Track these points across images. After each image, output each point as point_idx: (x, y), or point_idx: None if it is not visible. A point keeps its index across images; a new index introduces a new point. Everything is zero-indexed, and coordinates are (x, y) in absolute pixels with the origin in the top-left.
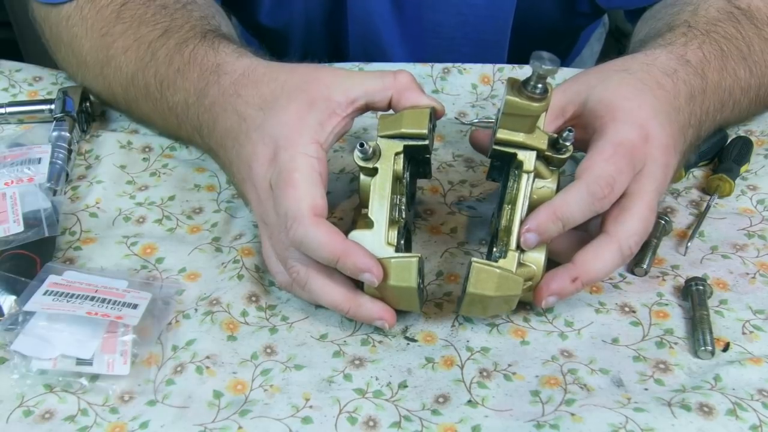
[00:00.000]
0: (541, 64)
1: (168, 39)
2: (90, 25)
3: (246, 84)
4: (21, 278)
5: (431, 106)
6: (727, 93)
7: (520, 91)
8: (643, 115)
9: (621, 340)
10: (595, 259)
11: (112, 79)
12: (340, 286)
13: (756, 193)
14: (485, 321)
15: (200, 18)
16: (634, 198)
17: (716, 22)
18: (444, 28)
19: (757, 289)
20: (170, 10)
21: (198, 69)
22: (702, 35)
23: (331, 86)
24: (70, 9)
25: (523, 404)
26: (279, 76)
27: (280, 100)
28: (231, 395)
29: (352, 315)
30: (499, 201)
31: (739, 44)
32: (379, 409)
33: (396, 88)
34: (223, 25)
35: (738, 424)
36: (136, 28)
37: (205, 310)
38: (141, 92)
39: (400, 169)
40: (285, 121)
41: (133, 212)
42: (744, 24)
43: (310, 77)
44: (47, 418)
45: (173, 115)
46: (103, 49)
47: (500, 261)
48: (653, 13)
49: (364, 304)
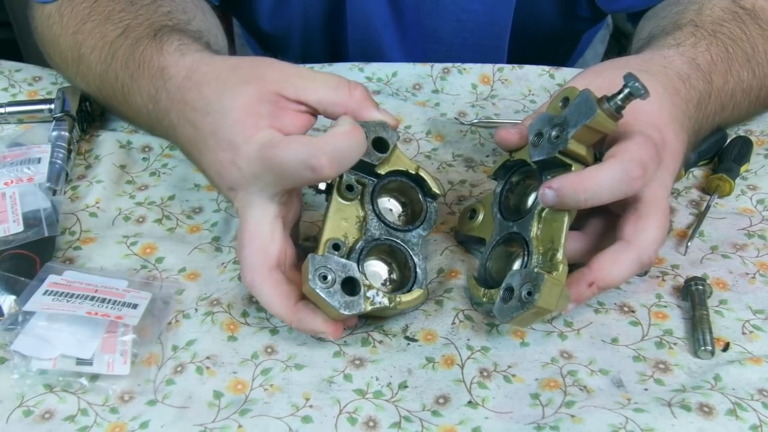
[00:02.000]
0: (640, 88)
1: (126, 38)
2: (65, 23)
3: (190, 87)
4: (21, 278)
5: (382, 121)
6: (729, 96)
7: (602, 106)
8: (661, 120)
9: (620, 340)
10: (613, 265)
11: (87, 77)
12: (284, 299)
13: (756, 193)
14: (485, 321)
15: (165, 13)
16: (651, 206)
17: (722, 22)
18: (442, 34)
19: (756, 289)
20: (137, 6)
21: (147, 73)
22: (709, 36)
23: (279, 82)
24: (52, 8)
25: (523, 407)
26: (221, 74)
27: (224, 99)
28: (231, 395)
29: (295, 328)
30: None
31: (744, 45)
32: (379, 410)
33: (350, 106)
34: (198, 18)
35: (738, 424)
36: (102, 26)
37: (206, 310)
38: (110, 92)
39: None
40: (236, 119)
41: (133, 212)
42: (749, 24)
43: (255, 73)
44: (47, 418)
45: (140, 117)
46: (76, 48)
47: (554, 274)
48: (656, 11)
49: (304, 319)
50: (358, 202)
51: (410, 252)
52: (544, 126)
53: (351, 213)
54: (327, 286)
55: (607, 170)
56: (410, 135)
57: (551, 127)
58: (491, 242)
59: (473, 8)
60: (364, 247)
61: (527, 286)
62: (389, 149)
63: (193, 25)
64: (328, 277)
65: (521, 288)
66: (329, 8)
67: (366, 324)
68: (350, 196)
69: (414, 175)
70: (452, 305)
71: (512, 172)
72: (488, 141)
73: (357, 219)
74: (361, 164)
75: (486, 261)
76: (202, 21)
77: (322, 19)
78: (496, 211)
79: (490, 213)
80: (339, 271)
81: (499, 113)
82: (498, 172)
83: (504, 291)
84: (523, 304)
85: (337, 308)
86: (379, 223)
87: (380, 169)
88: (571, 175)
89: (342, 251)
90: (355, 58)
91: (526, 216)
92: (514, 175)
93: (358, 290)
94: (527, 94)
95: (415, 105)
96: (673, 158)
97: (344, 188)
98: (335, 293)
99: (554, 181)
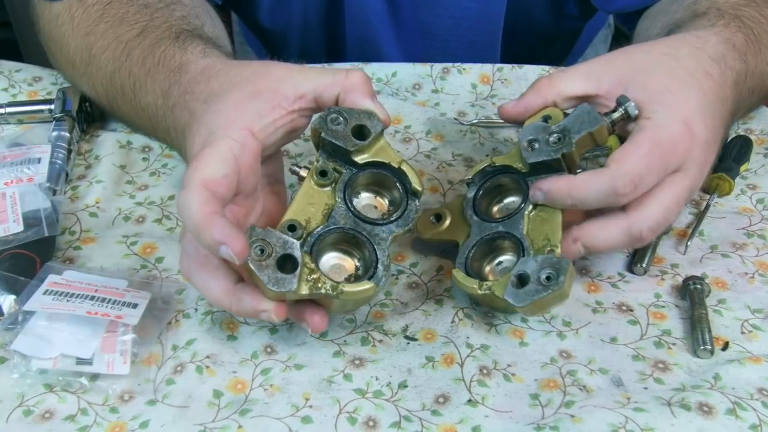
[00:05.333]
0: (635, 108)
1: (144, 39)
2: (76, 24)
3: (200, 80)
4: (21, 278)
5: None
6: (759, 78)
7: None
8: (687, 111)
9: (619, 339)
10: (601, 228)
11: (95, 78)
12: (222, 280)
13: (756, 193)
14: (484, 320)
15: (181, 17)
16: (663, 187)
17: (739, 6)
18: (437, 31)
19: (756, 289)
20: (152, 9)
21: (165, 70)
22: (736, 18)
23: (281, 80)
24: (60, 7)
25: (523, 406)
26: (231, 71)
27: (225, 92)
28: (231, 395)
29: (234, 311)
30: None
31: (765, 27)
32: (379, 409)
33: (344, 86)
34: (208, 25)
35: (738, 423)
36: (116, 27)
37: (205, 309)
38: (118, 92)
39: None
40: (221, 110)
41: (133, 212)
42: (762, 7)
43: (261, 71)
44: (47, 417)
45: (146, 116)
46: (87, 49)
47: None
48: (660, 8)
49: (244, 299)
50: (331, 190)
51: (375, 246)
52: (538, 134)
53: (320, 199)
54: (260, 259)
55: (596, 182)
56: (410, 135)
57: (548, 134)
58: (471, 242)
59: (468, 5)
60: (322, 233)
61: (547, 270)
62: (369, 137)
63: (206, 31)
64: (264, 251)
65: (540, 272)
66: (328, 5)
67: (366, 323)
68: (323, 181)
69: (396, 168)
70: (452, 304)
71: (488, 178)
72: (488, 141)
73: (325, 206)
74: (337, 149)
75: (466, 259)
76: (212, 27)
77: (320, 15)
78: (471, 214)
79: (460, 217)
80: (278, 246)
81: None
82: (475, 176)
83: (516, 277)
84: (546, 287)
85: (265, 282)
86: (347, 212)
87: (360, 158)
88: (562, 178)
89: (297, 233)
90: (353, 55)
91: (515, 216)
92: (489, 181)
93: (296, 270)
94: None
95: (415, 105)
96: (704, 149)
97: (318, 173)
98: (266, 267)
99: (544, 183)
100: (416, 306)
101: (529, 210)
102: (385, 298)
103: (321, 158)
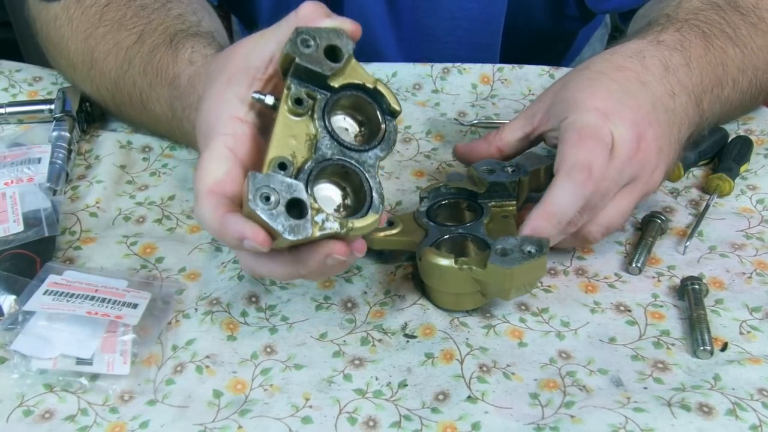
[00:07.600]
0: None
1: (142, 45)
2: (75, 27)
3: (190, 93)
4: (21, 278)
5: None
6: (721, 68)
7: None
8: (598, 101)
9: (618, 339)
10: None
11: (99, 82)
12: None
13: (755, 193)
14: (482, 322)
15: (177, 16)
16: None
17: (697, 11)
18: (438, 31)
19: (753, 288)
20: (148, 11)
21: (164, 82)
22: (680, 22)
23: (247, 54)
24: (58, 9)
25: (523, 405)
26: (209, 67)
27: (207, 90)
28: (231, 395)
29: (219, 237)
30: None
31: (723, 28)
32: (379, 409)
33: (298, 23)
34: (206, 20)
35: (738, 423)
36: (115, 32)
37: (205, 309)
38: (125, 99)
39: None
40: (207, 108)
41: (133, 212)
42: (727, 11)
43: (230, 54)
44: (47, 417)
45: (160, 123)
46: (88, 53)
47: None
48: (644, 11)
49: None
50: (308, 117)
51: (366, 174)
52: (493, 166)
53: (300, 130)
54: (270, 208)
55: (558, 188)
56: (410, 135)
57: (502, 167)
58: (428, 241)
59: (468, 6)
60: (314, 168)
61: (529, 246)
62: (343, 59)
63: (203, 26)
64: (271, 198)
65: (522, 247)
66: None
67: (365, 323)
68: (299, 110)
69: (372, 89)
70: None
71: (442, 196)
72: None
73: (307, 137)
74: (312, 75)
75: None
76: (210, 22)
77: None
78: (426, 221)
79: (413, 224)
80: (284, 191)
81: (499, 113)
82: (430, 193)
83: (499, 249)
84: (531, 255)
85: (281, 232)
86: (332, 141)
87: (334, 81)
88: (533, 213)
89: (289, 171)
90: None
91: (473, 224)
92: (443, 198)
93: (306, 214)
94: (527, 94)
95: (415, 105)
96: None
97: (293, 102)
98: (279, 215)
99: (527, 227)
100: (414, 300)
101: (486, 220)
102: (385, 296)
103: (293, 85)
